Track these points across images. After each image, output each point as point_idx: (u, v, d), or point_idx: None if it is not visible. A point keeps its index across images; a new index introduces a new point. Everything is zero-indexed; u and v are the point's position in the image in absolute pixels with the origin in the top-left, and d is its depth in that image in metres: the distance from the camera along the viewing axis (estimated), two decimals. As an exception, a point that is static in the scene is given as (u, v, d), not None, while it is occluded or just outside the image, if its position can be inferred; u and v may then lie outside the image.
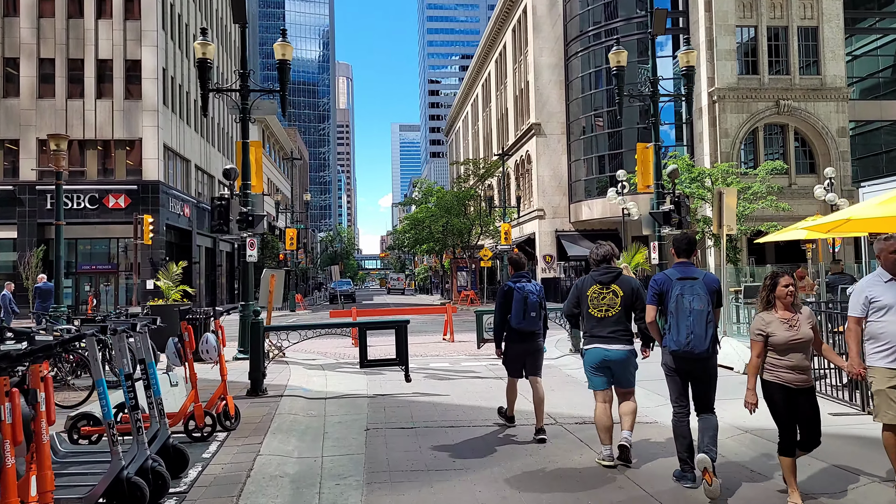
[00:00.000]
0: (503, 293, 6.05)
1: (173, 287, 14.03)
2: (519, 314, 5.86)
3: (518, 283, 5.98)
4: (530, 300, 5.89)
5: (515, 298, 5.88)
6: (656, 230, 12.90)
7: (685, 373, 4.68)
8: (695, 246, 4.94)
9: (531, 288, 5.97)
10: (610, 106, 37.15)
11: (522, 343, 6.08)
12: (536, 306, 5.94)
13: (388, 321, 8.71)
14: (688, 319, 4.52)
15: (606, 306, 5.22)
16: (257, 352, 8.17)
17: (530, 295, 5.90)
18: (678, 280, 4.68)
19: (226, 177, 11.93)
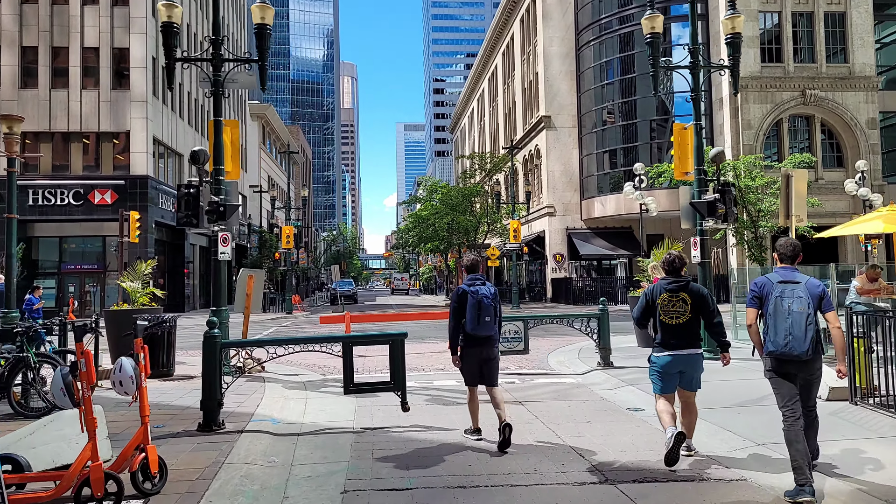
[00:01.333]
0: (457, 297, 5.87)
1: (140, 290, 12.29)
2: (474, 319, 5.72)
3: (472, 287, 5.82)
4: (484, 304, 5.76)
5: (469, 303, 5.74)
6: (698, 223, 11.07)
7: (788, 375, 4.59)
8: (799, 251, 4.80)
9: (485, 292, 5.82)
10: (624, 97, 35.32)
11: (478, 348, 5.91)
12: (491, 310, 5.80)
13: (381, 335, 6.92)
14: (786, 321, 4.47)
15: (677, 313, 5.34)
16: (212, 374, 6.39)
17: (484, 299, 5.76)
18: (779, 283, 4.60)
19: (193, 160, 10.16)
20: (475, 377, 6.04)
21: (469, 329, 5.77)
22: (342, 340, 6.68)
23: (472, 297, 5.73)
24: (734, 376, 9.16)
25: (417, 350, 13.92)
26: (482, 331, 5.78)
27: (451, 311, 5.90)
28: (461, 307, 5.81)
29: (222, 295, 10.33)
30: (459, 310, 5.83)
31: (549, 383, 9.27)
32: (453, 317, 5.88)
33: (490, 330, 5.82)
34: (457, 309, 5.85)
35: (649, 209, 26.84)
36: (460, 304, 5.82)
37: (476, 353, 5.90)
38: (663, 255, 13.94)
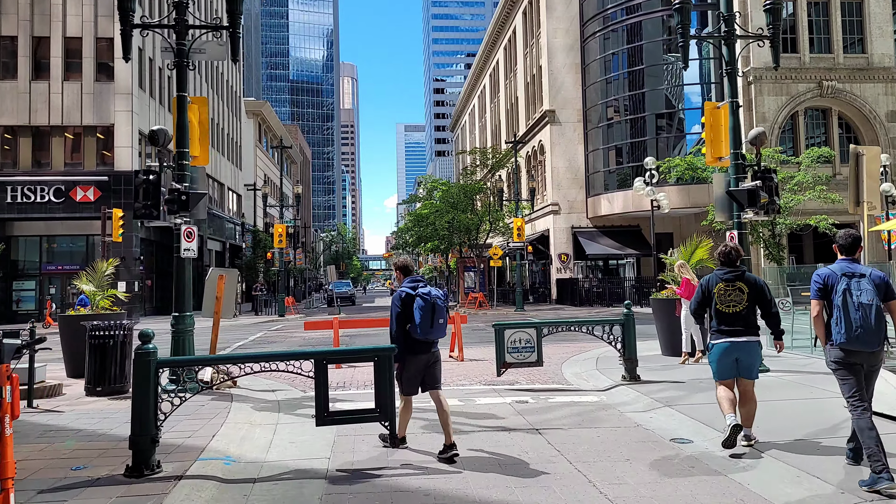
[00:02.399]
0: (401, 300, 5.51)
1: (100, 292, 10.87)
2: (427, 322, 5.41)
3: (420, 289, 5.52)
4: (439, 306, 5.49)
5: (419, 305, 5.42)
6: (734, 214, 9.63)
7: (854, 366, 4.62)
8: (859, 243, 4.82)
9: (437, 293, 5.60)
10: (631, 90, 33.89)
11: (426, 354, 5.64)
12: (445, 312, 5.55)
13: (363, 350, 5.53)
14: (856, 313, 4.53)
15: (734, 302, 5.52)
16: (143, 403, 4.96)
17: (438, 300, 5.51)
18: (843, 276, 4.66)
19: (152, 141, 8.75)
20: (415, 386, 5.68)
21: (420, 334, 5.41)
22: (313, 357, 5.24)
23: (422, 300, 5.41)
24: (791, 394, 7.72)
25: (414, 359, 12.47)
26: (435, 335, 5.50)
27: (395, 317, 5.49)
28: (406, 311, 5.46)
29: (186, 298, 8.91)
30: (404, 314, 5.48)
31: (568, 403, 7.83)
32: (397, 322, 5.49)
33: (443, 333, 5.57)
34: (401, 314, 5.49)
35: (661, 205, 25.43)
36: (405, 307, 5.47)
37: (423, 359, 5.59)
38: (690, 252, 12.58)
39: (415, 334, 5.43)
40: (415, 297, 5.45)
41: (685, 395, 7.84)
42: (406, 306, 5.47)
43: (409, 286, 5.58)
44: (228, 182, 45.44)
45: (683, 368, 10.05)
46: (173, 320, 8.87)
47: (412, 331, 5.43)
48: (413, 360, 5.57)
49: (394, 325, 5.54)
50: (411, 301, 5.45)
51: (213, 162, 41.73)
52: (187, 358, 5.25)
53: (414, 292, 5.49)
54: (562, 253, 35.42)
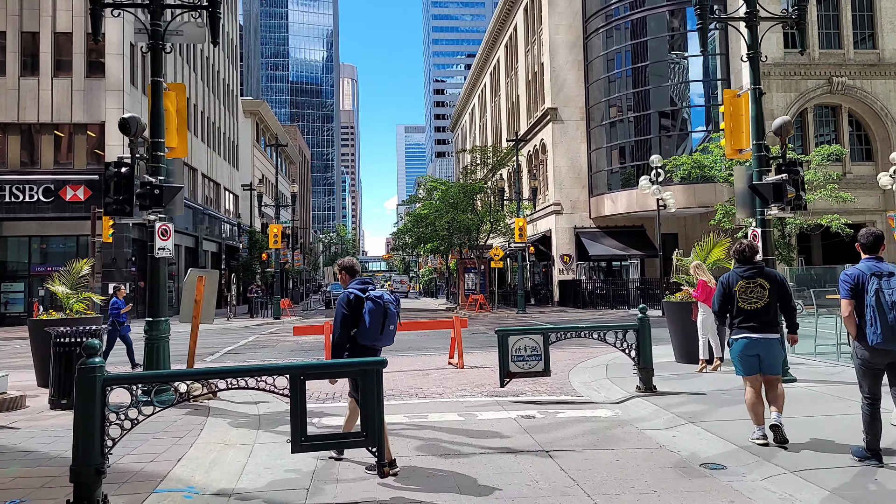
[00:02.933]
0: (348, 304, 5.12)
1: (74, 295, 10.13)
2: (376, 328, 5.05)
3: (370, 292, 5.17)
4: (391, 311, 5.16)
5: (369, 309, 5.06)
6: (758, 211, 8.88)
7: (882, 367, 4.79)
8: (882, 241, 4.90)
9: (389, 297, 5.27)
10: (636, 87, 33.14)
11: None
12: (396, 318, 5.24)
13: (346, 364, 4.69)
14: (891, 313, 4.55)
15: (755, 298, 5.55)
16: (87, 427, 4.21)
17: (390, 305, 5.18)
18: (872, 275, 4.69)
19: (123, 130, 8.00)
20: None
21: (368, 341, 5.08)
22: (288, 372, 4.49)
23: (372, 304, 5.07)
24: (828, 408, 6.95)
25: (411, 366, 11.73)
26: (385, 342, 5.18)
27: (340, 321, 5.06)
28: (353, 315, 5.08)
29: (161, 301, 8.17)
30: (351, 319, 5.07)
31: (579, 418, 7.07)
32: (341, 327, 5.07)
33: (391, 340, 5.24)
34: (347, 317, 5.07)
35: (667, 205, 24.67)
36: (353, 311, 5.08)
37: None
38: (706, 252, 11.83)
39: (362, 340, 5.05)
40: (364, 300, 5.07)
41: (709, 409, 7.08)
42: (354, 310, 5.06)
43: (358, 288, 5.16)
44: (225, 182, 44.71)
45: (702, 377, 9.29)
46: (147, 326, 8.14)
47: (359, 336, 5.05)
48: None
49: (338, 329, 5.08)
50: (360, 304, 5.06)
51: (210, 161, 41.01)
52: (142, 374, 4.51)
53: (364, 295, 5.11)
54: (564, 254, 34.66)
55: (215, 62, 43.64)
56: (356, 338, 5.10)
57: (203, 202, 39.33)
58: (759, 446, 5.37)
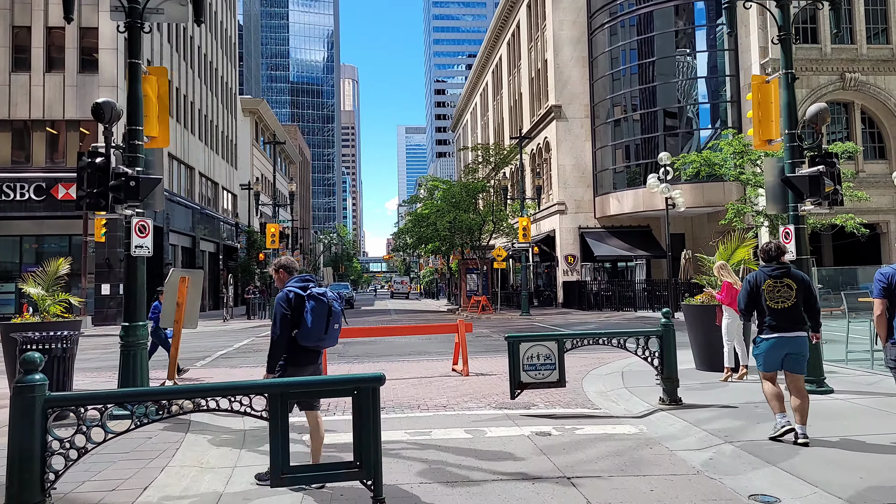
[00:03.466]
0: (287, 302, 4.74)
1: (49, 297, 9.41)
2: (320, 328, 4.74)
3: (312, 290, 4.84)
4: (335, 310, 4.85)
5: (311, 308, 4.73)
6: (790, 206, 8.15)
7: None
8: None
9: (332, 295, 4.93)
10: (642, 84, 32.42)
11: (311, 366, 4.90)
12: (340, 317, 4.95)
13: (338, 381, 4.01)
14: None
15: (783, 298, 5.59)
16: (25, 459, 3.50)
17: (334, 303, 4.87)
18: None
19: (97, 117, 7.29)
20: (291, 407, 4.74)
21: (311, 341, 4.78)
22: (268, 391, 3.77)
23: (314, 302, 4.78)
24: (875, 426, 6.19)
25: (412, 373, 11.00)
26: (329, 342, 4.90)
27: (279, 321, 4.73)
28: (294, 315, 4.76)
29: (138, 304, 7.46)
30: (292, 318, 4.75)
31: (600, 435, 6.34)
32: (282, 328, 4.73)
33: (335, 340, 4.97)
34: (287, 317, 4.75)
35: (676, 203, 23.94)
36: (293, 311, 4.76)
37: (306, 370, 4.85)
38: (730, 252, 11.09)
39: (304, 341, 4.73)
40: (306, 299, 4.75)
41: (745, 425, 6.35)
42: (295, 309, 4.73)
43: (299, 285, 4.82)
44: (223, 181, 44.03)
45: (728, 387, 8.56)
46: (122, 331, 7.42)
47: (300, 337, 4.72)
48: (298, 372, 4.76)
49: (277, 329, 4.72)
50: (302, 303, 4.74)
51: (208, 160, 40.32)
52: (91, 393, 3.78)
53: (305, 293, 4.78)
54: (568, 254, 33.93)
55: (213, 59, 42.97)
56: (297, 339, 4.74)
57: (200, 201, 38.64)
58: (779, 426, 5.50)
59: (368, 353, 14.42)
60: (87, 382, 10.71)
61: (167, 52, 33.58)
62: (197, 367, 12.87)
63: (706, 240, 32.13)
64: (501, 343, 16.03)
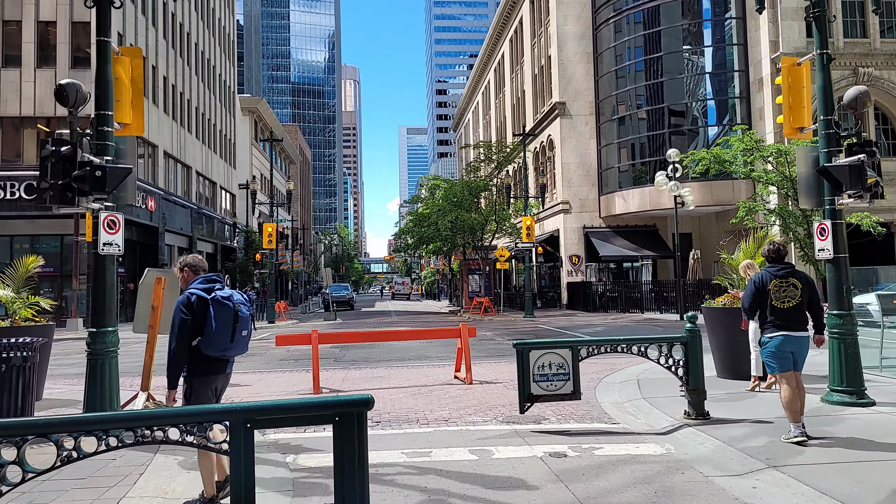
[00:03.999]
0: (188, 306, 4.25)
1: (19, 300, 8.70)
2: (226, 334, 4.23)
3: (218, 292, 4.29)
4: (242, 315, 4.33)
5: (215, 313, 4.21)
6: (826, 200, 7.42)
7: None
8: None
9: (240, 298, 4.41)
10: (648, 80, 31.67)
11: (219, 376, 4.43)
12: (249, 323, 4.42)
13: (317, 405, 3.18)
14: None
15: (788, 297, 5.65)
16: None
17: (242, 307, 4.35)
18: None
19: (60, 99, 6.59)
20: None
21: (216, 350, 4.29)
22: (229, 418, 3.04)
23: (218, 306, 4.27)
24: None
25: (411, 380, 10.26)
26: (236, 350, 4.40)
27: (178, 328, 4.24)
28: (196, 321, 4.27)
29: (108, 307, 6.73)
30: (192, 324, 4.26)
31: (623, 457, 5.59)
32: (180, 335, 4.24)
33: (244, 348, 4.50)
34: (188, 323, 4.25)
35: (686, 202, 23.19)
36: (195, 316, 4.27)
37: (213, 381, 4.42)
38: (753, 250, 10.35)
39: (208, 350, 4.22)
40: (209, 302, 4.24)
41: (787, 444, 5.61)
42: (197, 313, 4.22)
43: (202, 287, 4.31)
44: (221, 181, 43.35)
45: (757, 398, 7.82)
46: (89, 338, 6.69)
47: (204, 345, 4.22)
48: (202, 382, 4.29)
49: (175, 337, 4.20)
50: (205, 307, 4.22)
51: (205, 159, 39.65)
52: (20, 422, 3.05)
53: (209, 296, 4.24)
54: (573, 255, 33.18)
55: (210, 56, 42.31)
56: (200, 347, 4.22)
57: (198, 201, 37.96)
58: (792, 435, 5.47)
59: (366, 357, 13.70)
60: (64, 391, 10.00)
61: (163, 47, 32.89)
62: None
63: (714, 240, 31.36)
64: (506, 347, 15.30)
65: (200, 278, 4.49)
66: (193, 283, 4.46)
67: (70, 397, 9.35)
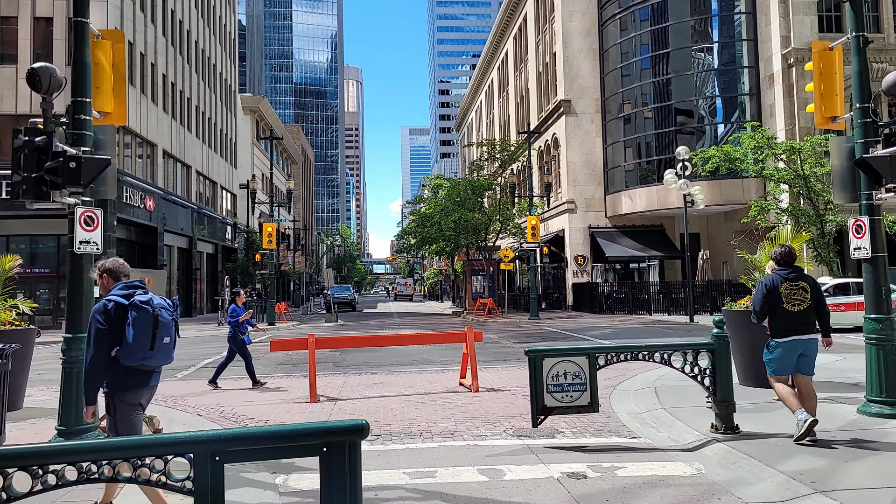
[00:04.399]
0: (105, 314, 3.93)
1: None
2: (144, 343, 3.90)
3: (137, 297, 3.98)
4: (164, 320, 4.01)
5: (134, 319, 3.90)
6: (863, 195, 6.85)
7: None
8: None
9: (162, 303, 4.10)
10: (655, 77, 31.08)
11: (142, 389, 4.07)
12: (172, 329, 4.11)
13: (300, 433, 2.56)
14: None
15: (798, 301, 5.66)
16: None
17: (163, 312, 4.04)
18: None
19: (32, 84, 6.07)
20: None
21: (135, 360, 3.91)
22: (193, 451, 2.49)
23: (138, 312, 3.91)
24: None
25: (413, 387, 9.71)
26: (158, 360, 4.01)
27: (94, 338, 3.90)
28: (113, 330, 3.91)
29: (85, 311, 6.20)
30: (110, 334, 3.91)
31: (649, 479, 5.03)
32: (96, 346, 3.88)
33: (169, 357, 4.12)
34: (104, 333, 3.90)
35: (696, 200, 22.60)
36: (112, 325, 3.91)
37: (138, 395, 4.03)
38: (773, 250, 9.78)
39: (127, 360, 3.90)
40: (128, 309, 3.94)
41: (831, 465, 5.05)
42: (114, 322, 3.91)
43: (121, 294, 4.01)
44: (222, 181, 42.89)
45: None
46: (64, 344, 6.17)
47: (123, 356, 3.90)
48: (125, 398, 3.98)
49: (92, 348, 3.90)
50: (123, 314, 3.94)
51: (205, 158, 39.19)
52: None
53: (127, 302, 3.97)
54: (578, 255, 32.59)
55: (211, 55, 41.87)
56: (119, 358, 3.89)
57: (198, 201, 37.49)
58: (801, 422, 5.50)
59: (367, 361, 13.15)
60: (48, 399, 9.47)
61: (161, 44, 32.44)
62: (176, 379, 11.64)
63: (722, 240, 30.76)
64: (512, 351, 14.75)
65: (121, 284, 4.15)
66: (113, 289, 4.12)
67: (54, 406, 8.83)
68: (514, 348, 15.36)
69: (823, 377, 9.28)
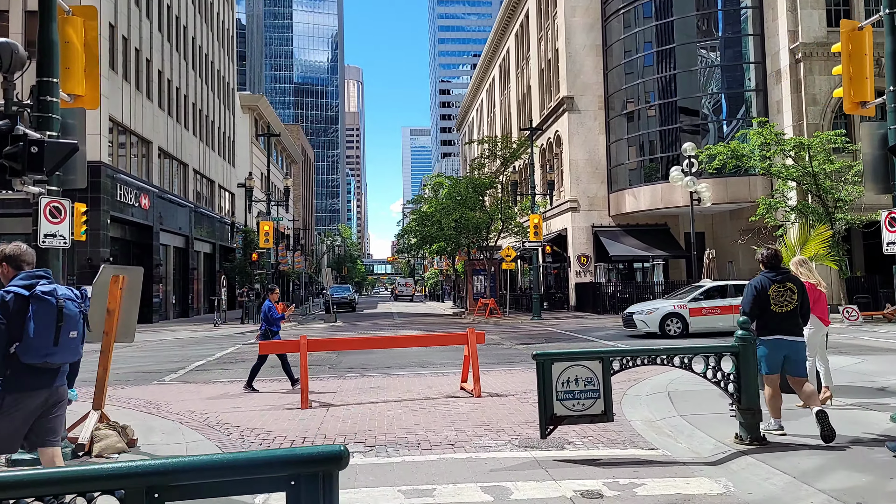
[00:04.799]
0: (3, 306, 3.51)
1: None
2: (46, 338, 3.54)
3: (39, 287, 3.59)
4: (69, 311, 3.64)
5: (35, 311, 3.52)
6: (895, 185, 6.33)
7: None
8: None
9: (67, 293, 3.71)
10: (660, 73, 30.54)
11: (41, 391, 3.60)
12: (80, 322, 3.74)
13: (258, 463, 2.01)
14: None
15: (786, 302, 5.77)
16: None
17: (69, 303, 3.66)
18: None
19: (-9, 63, 5.52)
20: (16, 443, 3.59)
21: (36, 357, 3.49)
22: (125, 485, 1.96)
23: (39, 304, 3.50)
24: None
25: (412, 392, 9.17)
26: (62, 356, 3.62)
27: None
28: (12, 324, 3.46)
29: (50, 312, 5.65)
30: (10, 328, 3.46)
31: (672, 499, 4.50)
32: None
33: (75, 354, 3.75)
34: (3, 328, 3.43)
35: (702, 198, 22.06)
36: (11, 318, 3.46)
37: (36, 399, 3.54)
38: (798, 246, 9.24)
39: (26, 357, 3.50)
40: (29, 301, 3.56)
41: (875, 482, 4.51)
42: (14, 315, 3.51)
43: (22, 284, 3.62)
44: (220, 179, 42.39)
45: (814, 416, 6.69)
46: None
47: (22, 352, 3.49)
48: (19, 400, 3.53)
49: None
50: (24, 307, 3.54)
51: (202, 157, 38.68)
52: None
53: (28, 293, 3.58)
54: (581, 254, 32.04)
55: (209, 52, 41.36)
56: (18, 355, 3.49)
57: (195, 200, 36.98)
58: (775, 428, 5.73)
59: (364, 363, 12.62)
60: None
61: (157, 40, 31.94)
62: (163, 383, 11.11)
63: (728, 239, 30.21)
64: (515, 353, 14.23)
65: (23, 274, 3.68)
66: (14, 280, 3.67)
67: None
68: (516, 350, 14.84)
69: (846, 381, 8.75)
